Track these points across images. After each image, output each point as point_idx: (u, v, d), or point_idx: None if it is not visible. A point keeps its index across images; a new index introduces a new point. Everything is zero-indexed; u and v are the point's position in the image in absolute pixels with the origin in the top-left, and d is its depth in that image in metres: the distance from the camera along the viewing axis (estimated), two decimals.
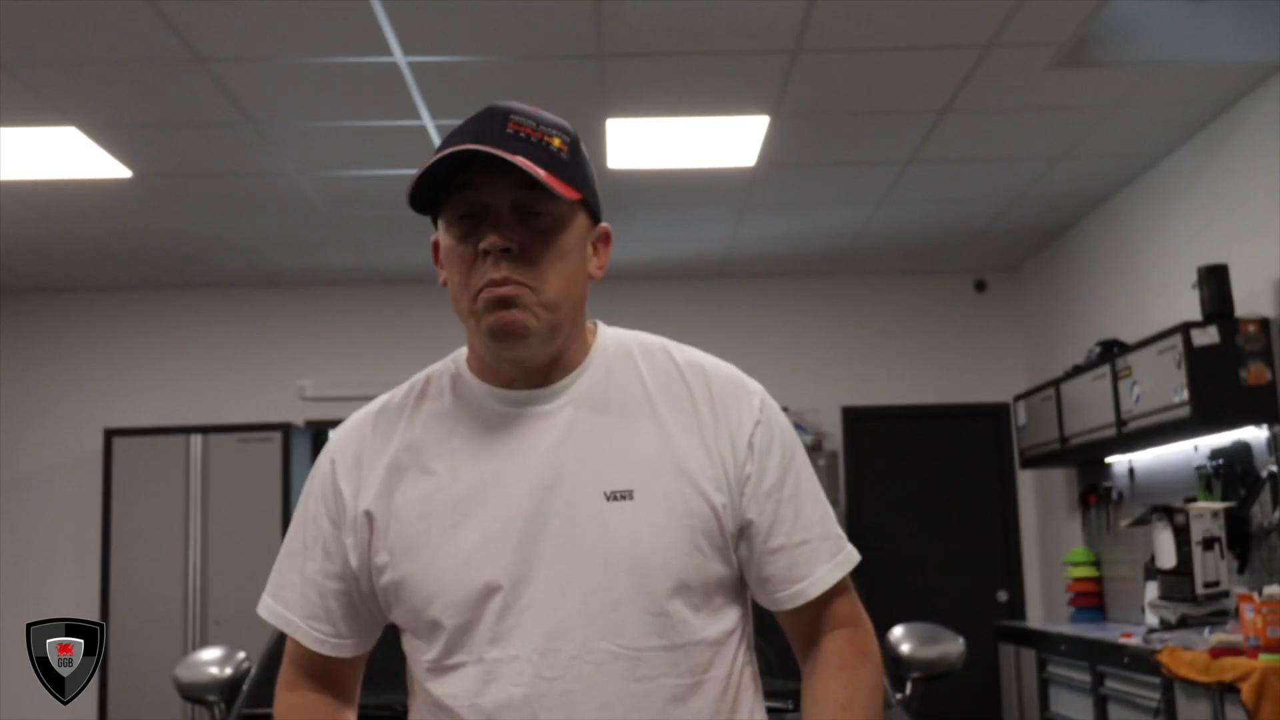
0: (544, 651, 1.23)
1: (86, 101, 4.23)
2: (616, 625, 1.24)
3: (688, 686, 1.26)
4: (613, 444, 1.29)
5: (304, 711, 1.41)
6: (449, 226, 1.29)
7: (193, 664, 3.00)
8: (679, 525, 1.26)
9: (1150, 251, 5.36)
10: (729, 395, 1.34)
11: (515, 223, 1.25)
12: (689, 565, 1.27)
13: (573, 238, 1.29)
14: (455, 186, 1.26)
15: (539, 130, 1.27)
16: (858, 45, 3.96)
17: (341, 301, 6.96)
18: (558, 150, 1.27)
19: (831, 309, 6.97)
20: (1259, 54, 4.15)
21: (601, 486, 1.27)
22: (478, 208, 1.26)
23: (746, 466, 1.31)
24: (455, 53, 3.96)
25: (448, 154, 1.23)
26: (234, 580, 6.20)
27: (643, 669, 1.24)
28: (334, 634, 1.37)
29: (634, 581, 1.24)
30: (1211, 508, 4.35)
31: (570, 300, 1.29)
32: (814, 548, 1.33)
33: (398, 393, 1.41)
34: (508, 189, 1.25)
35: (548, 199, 1.25)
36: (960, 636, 3.01)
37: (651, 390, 1.33)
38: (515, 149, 1.23)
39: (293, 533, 1.39)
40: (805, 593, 1.33)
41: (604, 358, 1.35)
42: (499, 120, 1.27)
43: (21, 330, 6.84)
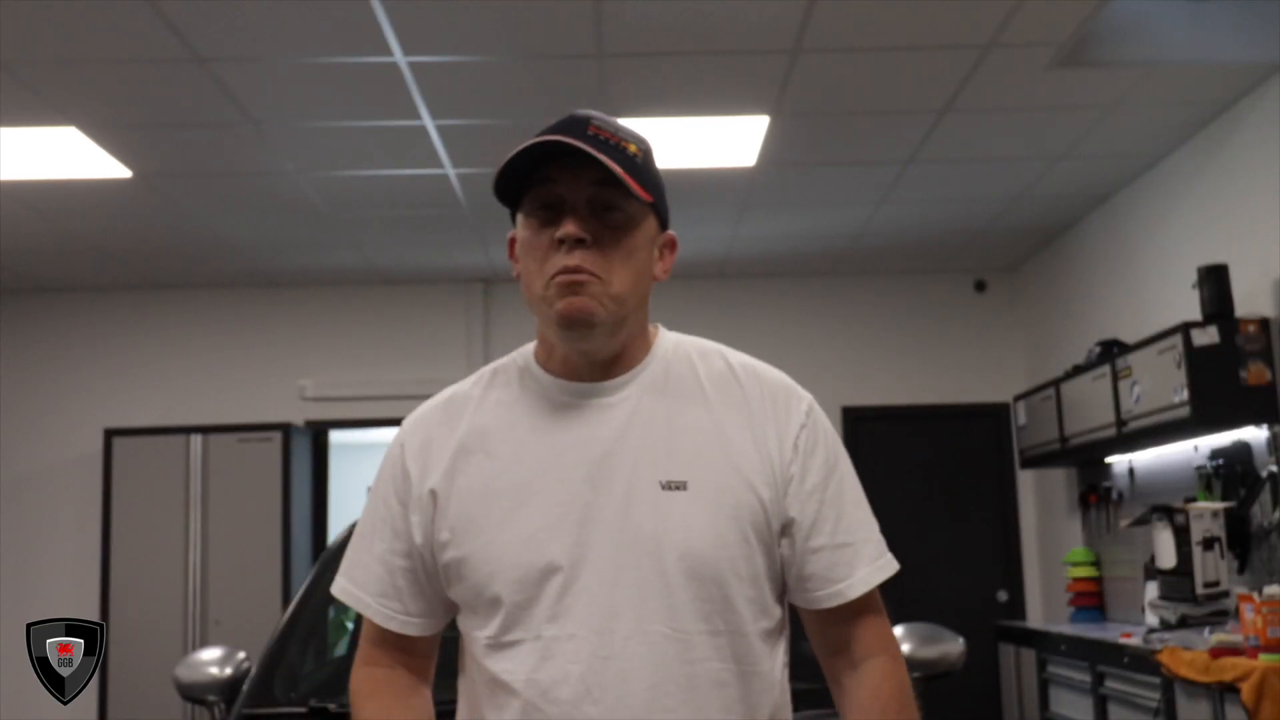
0: (600, 631, 1.29)
1: (86, 101, 4.23)
2: (668, 609, 1.30)
3: (733, 674, 1.32)
4: (670, 437, 1.36)
5: (379, 684, 1.44)
6: (527, 217, 1.37)
7: (193, 664, 3.00)
8: (729, 517, 1.33)
9: (1150, 251, 5.36)
10: (779, 397, 1.42)
11: (590, 217, 1.34)
12: (737, 556, 1.33)
13: (642, 237, 1.38)
14: (536, 180, 1.35)
15: (617, 135, 1.36)
16: (858, 45, 3.96)
17: (341, 301, 6.96)
18: (633, 155, 1.36)
19: (831, 309, 6.97)
20: (1259, 54, 4.15)
21: (658, 476, 1.33)
22: (555, 200, 1.34)
23: (791, 466, 1.38)
24: (455, 53, 3.96)
25: (533, 144, 1.33)
26: (234, 580, 6.20)
27: (693, 652, 1.30)
28: (402, 611, 1.42)
29: (685, 568, 1.31)
30: (1211, 508, 4.35)
31: (635, 296, 1.37)
32: (855, 550, 1.39)
33: (465, 383, 1.48)
34: (586, 185, 1.33)
35: (622, 197, 1.34)
36: (960, 636, 3.01)
37: (707, 388, 1.41)
38: (596, 149, 1.32)
39: (365, 516, 1.47)
40: (844, 593, 1.38)
41: (664, 357, 1.43)
42: (581, 124, 1.35)
43: (21, 330, 6.84)
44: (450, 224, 5.86)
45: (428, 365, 6.87)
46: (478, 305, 6.95)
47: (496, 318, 6.98)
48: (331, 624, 3.49)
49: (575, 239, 1.32)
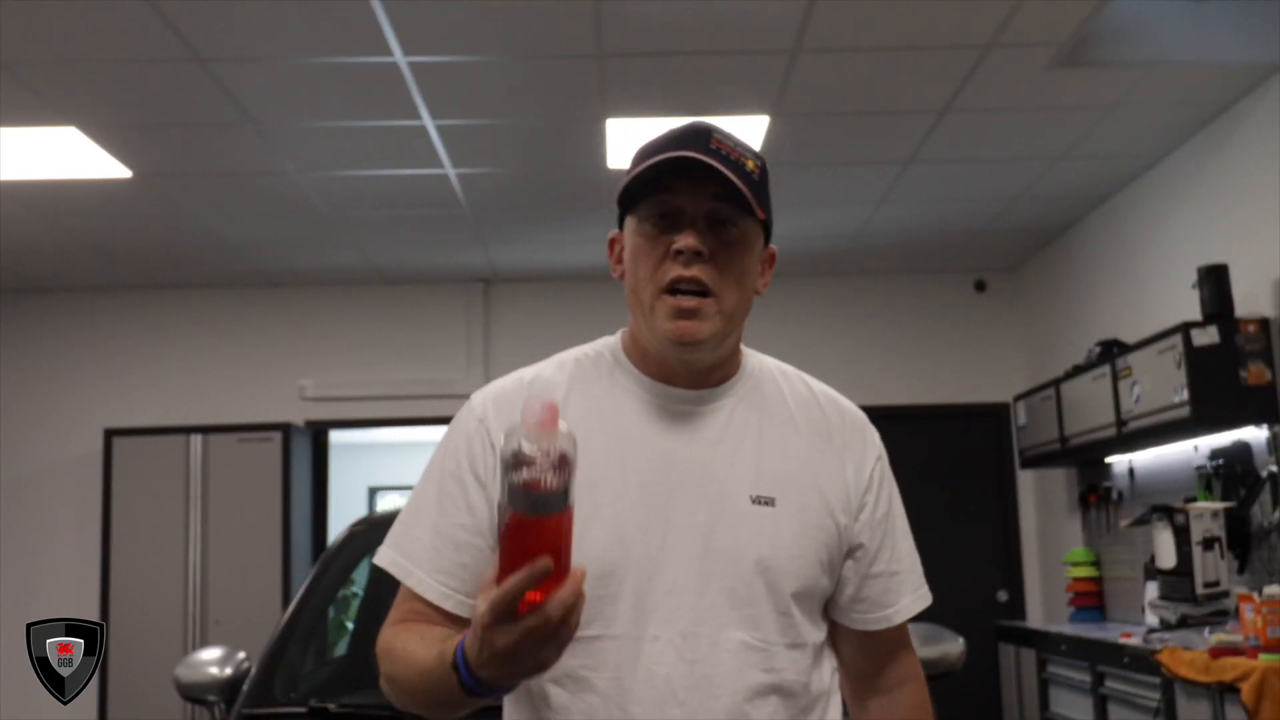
0: (686, 635, 1.30)
1: (86, 101, 4.23)
2: (751, 619, 1.33)
3: (803, 687, 1.36)
4: (761, 452, 1.39)
5: (412, 626, 1.37)
6: (641, 223, 1.37)
7: (193, 664, 3.00)
8: (811, 537, 1.37)
9: (1150, 251, 5.36)
10: (857, 429, 1.48)
11: (707, 230, 1.34)
12: (811, 575, 1.37)
13: (753, 254, 1.40)
14: (656, 189, 1.35)
15: (736, 150, 1.36)
16: (858, 45, 3.96)
17: (341, 301, 6.96)
18: (751, 171, 1.36)
19: (831, 309, 6.97)
20: (1259, 54, 4.15)
21: (748, 490, 1.36)
22: (674, 211, 1.35)
23: (866, 495, 1.44)
24: (455, 53, 3.96)
25: (667, 158, 1.32)
26: (234, 580, 6.21)
27: (772, 662, 1.33)
28: (460, 589, 1.36)
29: (767, 581, 1.34)
30: (1211, 508, 4.35)
31: (742, 310, 1.39)
32: (902, 579, 1.46)
33: (546, 368, 1.46)
34: (706, 199, 1.34)
35: (739, 214, 1.35)
36: (960, 636, 3.02)
37: (793, 409, 1.45)
38: (719, 164, 1.32)
39: (424, 490, 1.42)
40: (891, 618, 1.45)
41: (756, 374, 1.47)
42: (704, 136, 1.35)
43: (21, 330, 6.84)
44: (450, 224, 5.86)
45: (428, 365, 6.87)
46: (478, 305, 6.95)
47: (496, 318, 6.98)
48: (331, 624, 3.50)
49: (694, 251, 1.33)
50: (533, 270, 6.76)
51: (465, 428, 1.42)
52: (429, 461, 1.45)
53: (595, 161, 4.95)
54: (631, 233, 1.39)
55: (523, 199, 5.53)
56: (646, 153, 1.38)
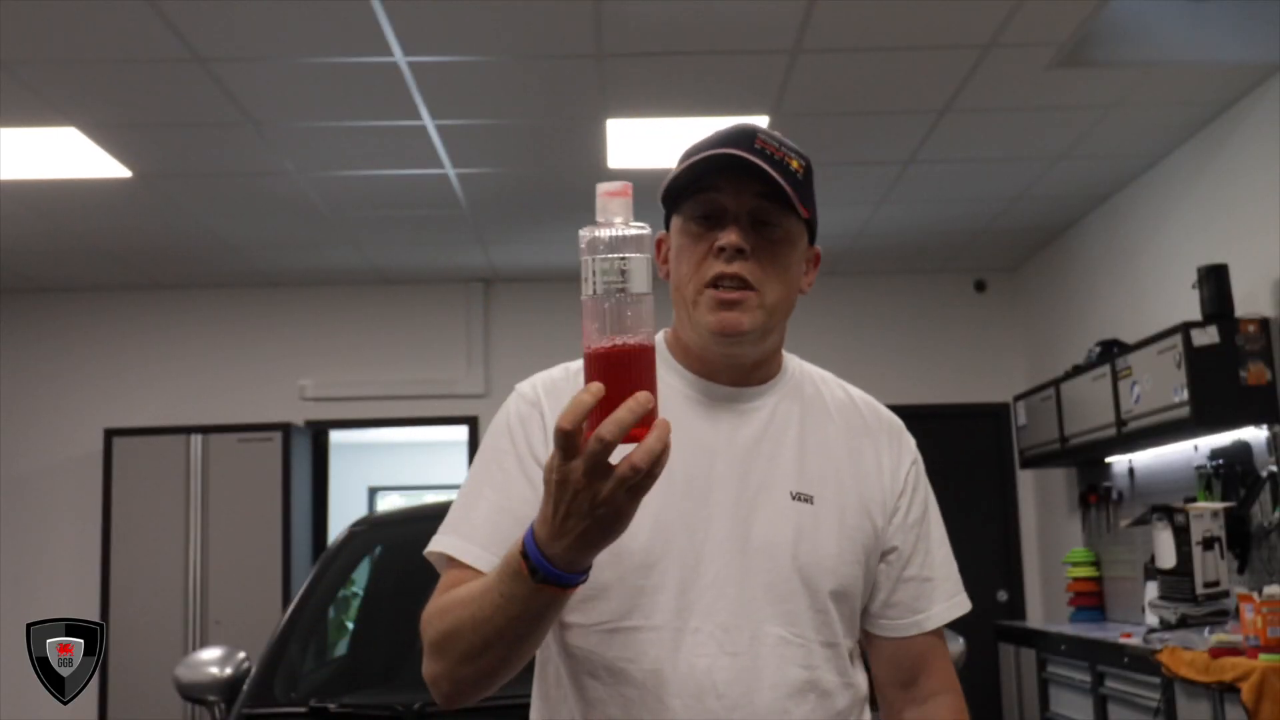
0: (727, 628, 1.30)
1: (86, 101, 4.23)
2: (790, 615, 1.33)
3: (838, 686, 1.36)
4: (801, 450, 1.40)
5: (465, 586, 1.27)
6: (686, 222, 1.38)
7: (193, 664, 3.00)
8: (849, 537, 1.38)
9: (1150, 251, 5.36)
10: (894, 433, 1.48)
11: (750, 229, 1.35)
12: (849, 574, 1.37)
13: (797, 252, 1.42)
14: (700, 188, 1.35)
15: (781, 150, 1.37)
16: (858, 45, 3.96)
17: (341, 301, 6.96)
18: (795, 170, 1.37)
19: (831, 309, 6.97)
20: (1259, 54, 4.15)
21: (789, 486, 1.36)
22: (717, 210, 1.35)
23: (900, 499, 1.44)
24: (455, 53, 3.96)
25: (711, 155, 1.33)
26: (234, 580, 6.21)
27: (812, 659, 1.33)
28: None
29: (805, 578, 1.34)
30: (1211, 508, 4.35)
31: (784, 308, 1.40)
32: (936, 585, 1.46)
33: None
34: (749, 197, 1.34)
35: (782, 213, 1.36)
36: (960, 636, 3.01)
37: (833, 412, 1.45)
38: (763, 163, 1.33)
39: (476, 475, 1.38)
40: (922, 624, 1.44)
41: (797, 375, 1.48)
42: (749, 136, 1.35)
43: (21, 330, 6.85)
44: (450, 224, 5.86)
45: (428, 365, 6.87)
46: (478, 305, 6.95)
47: (496, 318, 6.98)
48: (331, 624, 3.50)
49: (736, 248, 1.33)
50: (533, 270, 6.76)
51: (518, 411, 1.40)
52: (478, 456, 1.41)
53: (595, 161, 4.95)
54: (676, 231, 1.40)
55: (523, 199, 5.53)
56: (692, 152, 1.38)
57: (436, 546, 1.35)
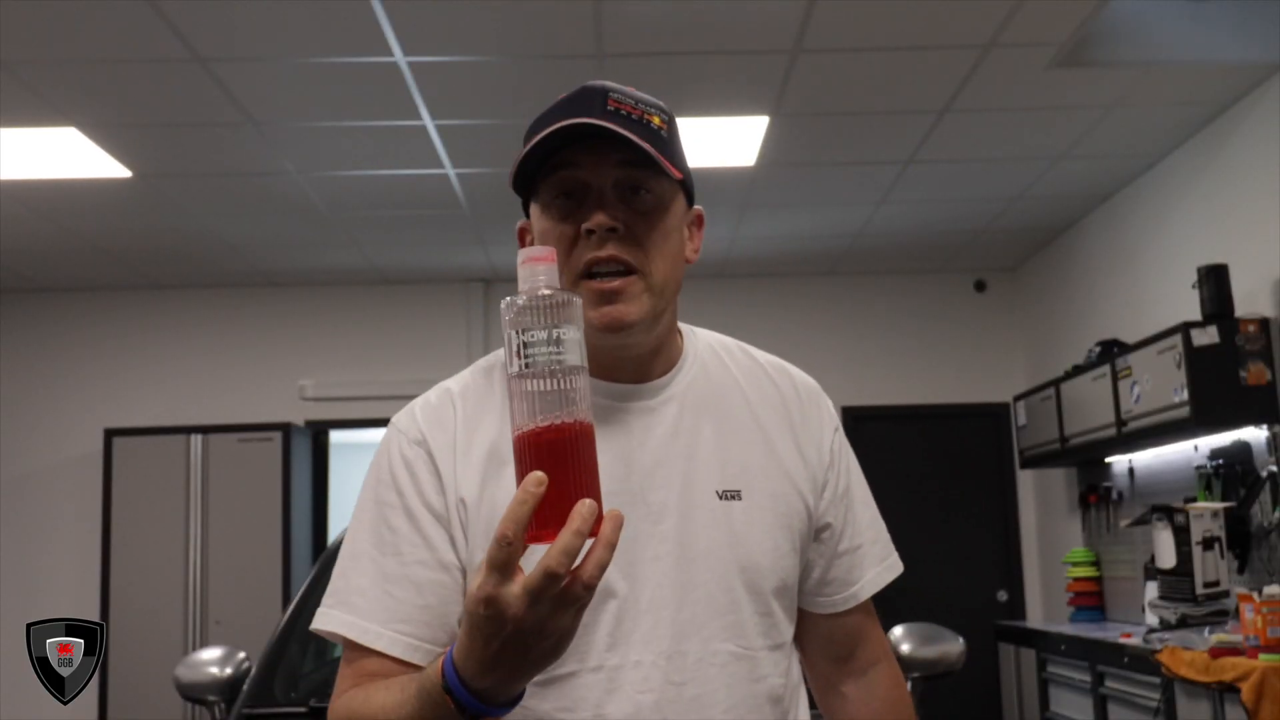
0: (670, 655, 1.18)
1: (86, 101, 4.23)
2: (736, 626, 1.22)
3: (784, 687, 1.27)
4: (720, 443, 1.27)
5: (373, 685, 1.14)
6: (545, 208, 1.24)
7: (193, 664, 3.00)
8: (783, 526, 1.26)
9: (1150, 251, 5.36)
10: (812, 400, 1.36)
11: (618, 202, 1.20)
12: (788, 566, 1.27)
13: (675, 218, 1.26)
14: (554, 166, 1.22)
15: (638, 108, 1.24)
16: (858, 45, 3.96)
17: (341, 301, 6.96)
18: (658, 128, 1.23)
19: (831, 309, 6.97)
20: (1259, 54, 4.15)
21: (713, 485, 1.24)
22: (578, 187, 1.21)
23: (829, 471, 1.32)
24: (455, 53, 3.96)
25: (558, 129, 1.18)
26: (234, 580, 6.20)
27: (759, 669, 1.23)
28: (428, 639, 1.17)
29: (746, 581, 1.23)
30: (1211, 508, 4.35)
31: (672, 284, 1.25)
32: (865, 551, 1.35)
33: (472, 377, 1.30)
34: (610, 167, 1.20)
35: (651, 178, 1.21)
36: (960, 636, 3.02)
37: (746, 389, 1.32)
38: (620, 127, 1.19)
39: (359, 532, 1.22)
40: (857, 595, 1.35)
41: (698, 355, 1.33)
42: (599, 98, 1.22)
43: (21, 330, 6.85)
44: (450, 224, 5.86)
45: (428, 365, 6.87)
46: (478, 305, 6.95)
47: (496, 318, 6.98)
48: None
49: (607, 228, 1.18)
50: None
51: (401, 453, 1.23)
52: (359, 503, 1.25)
53: None
54: (537, 217, 1.25)
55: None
56: (538, 126, 1.23)
57: (327, 625, 1.19)
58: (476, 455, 1.21)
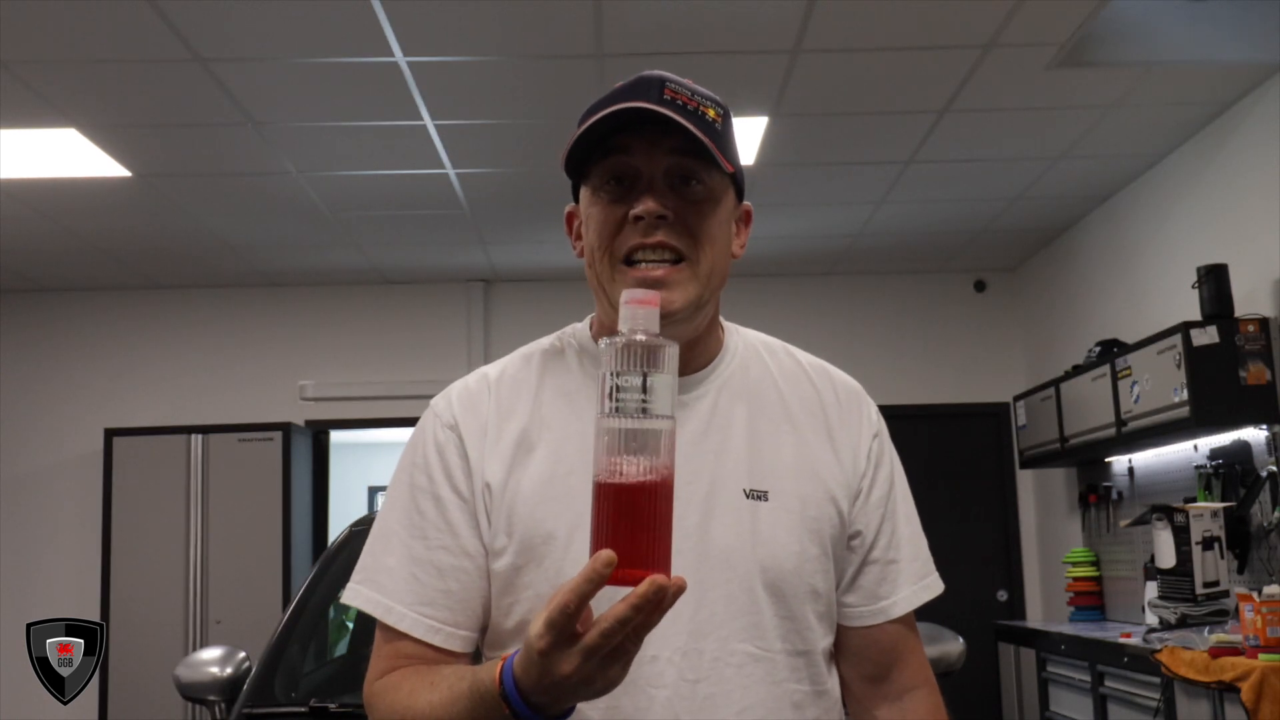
0: (686, 652, 1.18)
1: (86, 101, 4.23)
2: (755, 627, 1.20)
3: (808, 696, 1.24)
4: (751, 441, 1.25)
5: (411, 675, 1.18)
6: (595, 191, 1.23)
7: (193, 664, 3.01)
8: (811, 530, 1.24)
9: (1150, 251, 5.36)
10: (852, 402, 1.34)
11: (668, 191, 1.20)
12: (818, 571, 1.24)
13: (725, 211, 1.24)
14: (607, 150, 1.20)
15: (694, 99, 1.22)
16: (858, 45, 3.96)
17: (341, 301, 6.97)
18: (713, 121, 1.22)
19: (831, 309, 6.97)
20: (1259, 54, 4.15)
21: (740, 484, 1.22)
22: (629, 172, 1.20)
23: (864, 479, 1.30)
24: (455, 53, 3.96)
25: (612, 112, 1.17)
26: (234, 580, 6.21)
27: (778, 673, 1.21)
28: (450, 621, 1.21)
29: (769, 582, 1.21)
30: (1211, 507, 4.35)
31: (718, 275, 1.24)
32: (901, 568, 1.32)
33: (511, 363, 1.31)
34: (663, 155, 1.19)
35: (703, 168, 1.20)
36: (960, 636, 3.02)
37: (783, 389, 1.31)
38: (677, 115, 1.18)
39: (392, 513, 1.26)
40: (888, 611, 1.30)
41: (738, 351, 1.32)
42: (655, 87, 1.20)
43: (21, 330, 6.85)
44: (450, 224, 5.86)
45: (428, 365, 6.87)
46: (478, 305, 6.95)
47: (496, 318, 6.98)
48: (332, 624, 3.50)
49: (656, 215, 1.17)
50: (533, 270, 6.76)
51: (434, 436, 1.26)
52: (393, 480, 1.29)
53: None
54: (586, 202, 1.24)
55: (523, 199, 5.53)
56: (594, 109, 1.21)
57: (355, 600, 1.24)
58: (506, 441, 1.23)
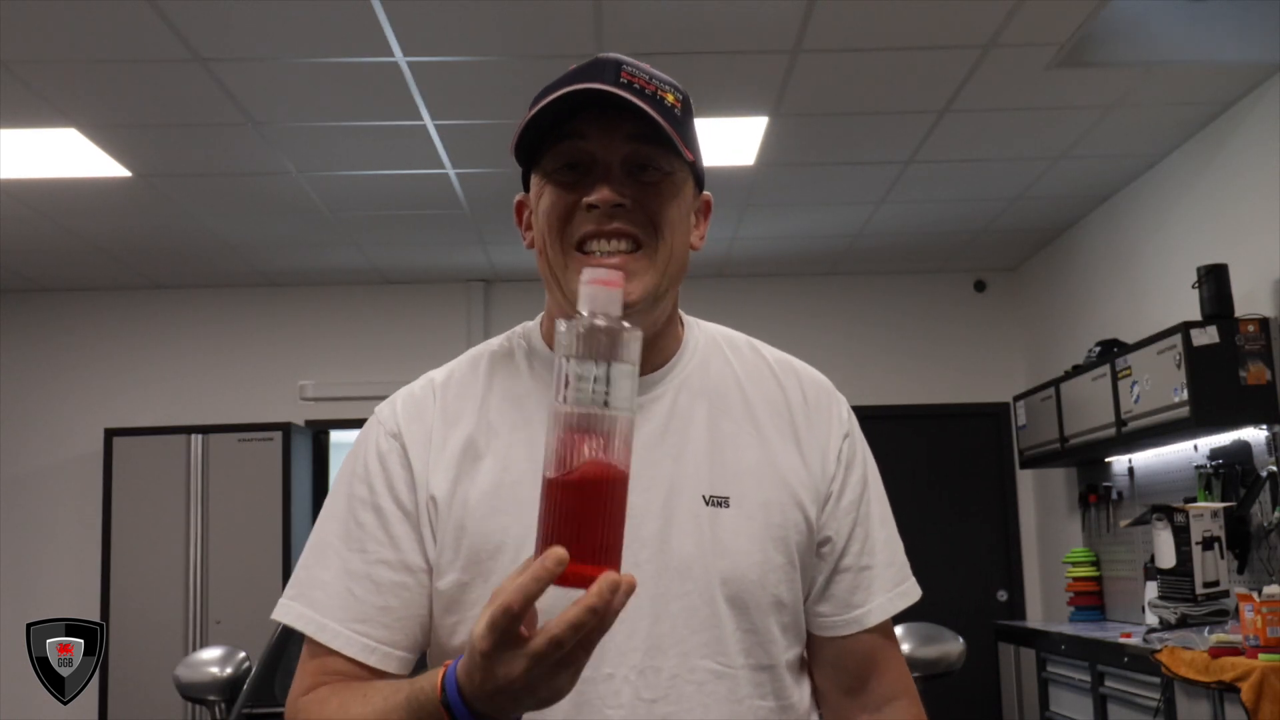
0: (642, 670, 1.11)
1: (86, 101, 4.22)
2: (716, 641, 1.14)
3: (772, 710, 1.18)
4: (712, 443, 1.19)
5: (341, 690, 1.11)
6: (546, 178, 1.17)
7: (193, 664, 3.01)
8: (776, 538, 1.18)
9: (1150, 251, 5.36)
10: (820, 400, 1.27)
11: (625, 178, 1.14)
12: (783, 581, 1.18)
13: (684, 201, 1.19)
14: (560, 135, 1.14)
15: (652, 83, 1.14)
16: (858, 45, 3.96)
17: (341, 301, 6.97)
18: (672, 106, 1.15)
19: (831, 309, 6.97)
20: (1259, 54, 4.15)
21: (700, 490, 1.16)
22: (584, 159, 1.14)
23: (834, 481, 1.23)
24: (455, 53, 3.96)
25: (567, 93, 1.11)
26: (234, 580, 6.21)
27: (739, 690, 1.15)
28: (387, 641, 1.15)
29: (731, 594, 1.15)
30: (1211, 507, 4.35)
31: (677, 264, 1.18)
32: (875, 574, 1.24)
33: (458, 367, 1.27)
34: (621, 141, 1.13)
35: (661, 156, 1.15)
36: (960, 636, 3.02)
37: (746, 388, 1.25)
38: (633, 97, 1.11)
39: (329, 525, 1.19)
40: (863, 620, 1.23)
41: (697, 348, 1.26)
42: (611, 69, 1.13)
43: (21, 330, 6.85)
44: (450, 224, 5.86)
45: (428, 365, 6.73)
46: (478, 305, 6.95)
47: (496, 318, 6.98)
48: None
49: (613, 204, 1.12)
50: (533, 270, 6.68)
51: (377, 445, 1.20)
52: (332, 491, 1.22)
53: None
54: (537, 191, 1.18)
55: None
56: (545, 92, 1.15)
57: (286, 617, 1.17)
58: (451, 450, 1.18)
